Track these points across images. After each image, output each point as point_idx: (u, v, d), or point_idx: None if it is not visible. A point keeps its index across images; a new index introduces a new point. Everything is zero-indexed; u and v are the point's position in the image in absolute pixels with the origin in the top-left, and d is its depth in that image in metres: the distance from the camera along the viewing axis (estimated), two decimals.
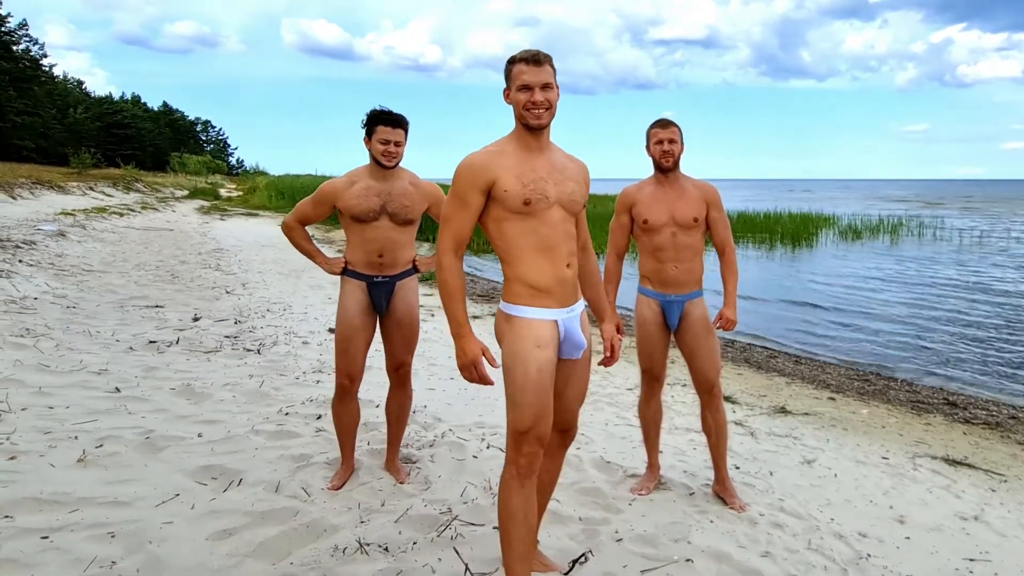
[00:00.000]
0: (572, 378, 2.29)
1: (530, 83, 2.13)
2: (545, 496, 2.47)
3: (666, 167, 3.09)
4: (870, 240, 22.12)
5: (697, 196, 3.12)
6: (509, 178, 2.11)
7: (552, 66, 2.17)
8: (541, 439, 2.13)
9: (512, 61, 2.19)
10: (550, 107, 2.15)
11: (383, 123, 2.94)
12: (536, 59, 2.15)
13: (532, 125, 2.14)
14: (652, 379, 3.30)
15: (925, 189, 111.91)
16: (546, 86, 2.15)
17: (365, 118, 3.01)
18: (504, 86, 2.21)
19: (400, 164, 3.06)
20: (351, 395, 3.12)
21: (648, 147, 3.11)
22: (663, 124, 3.09)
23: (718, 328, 3.18)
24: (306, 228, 3.20)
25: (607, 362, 2.42)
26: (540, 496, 2.37)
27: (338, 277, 3.14)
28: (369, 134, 2.98)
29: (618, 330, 2.47)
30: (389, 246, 3.04)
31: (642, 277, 3.24)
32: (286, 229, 3.19)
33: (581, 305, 2.28)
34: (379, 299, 3.09)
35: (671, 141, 3.06)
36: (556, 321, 2.16)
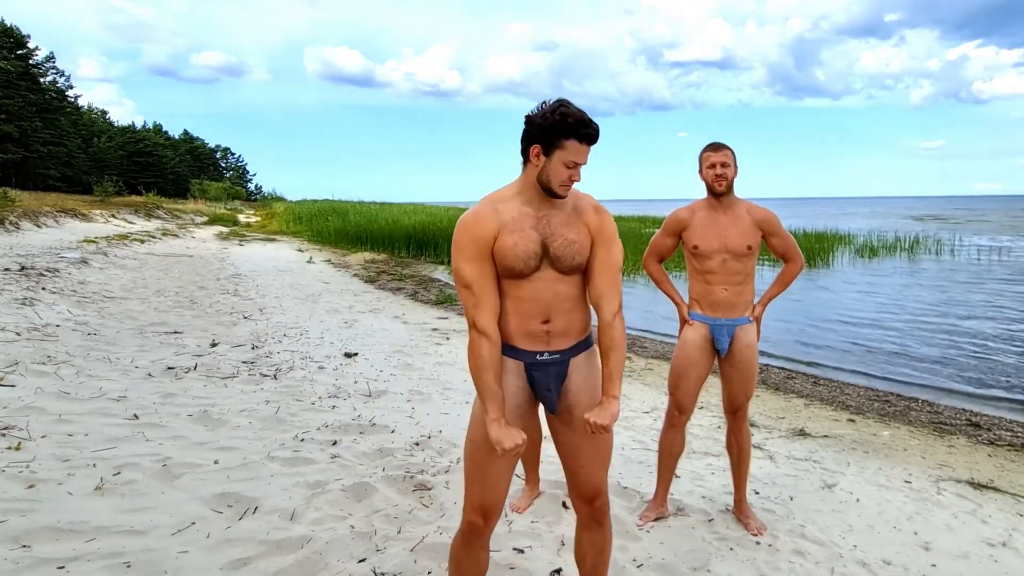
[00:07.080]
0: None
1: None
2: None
3: (719, 191, 2.98)
4: (887, 258, 21.91)
5: (751, 223, 3.01)
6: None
7: None
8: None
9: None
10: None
11: (578, 136, 1.89)
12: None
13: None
14: (678, 409, 3.15)
15: (944, 205, 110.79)
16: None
17: (539, 121, 1.89)
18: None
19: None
20: (484, 538, 2.12)
21: (700, 171, 3.01)
22: (715, 147, 2.98)
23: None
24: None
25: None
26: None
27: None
28: (547, 150, 1.90)
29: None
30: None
31: (692, 301, 3.16)
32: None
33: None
34: (544, 387, 2.07)
35: (724, 164, 2.95)
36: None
